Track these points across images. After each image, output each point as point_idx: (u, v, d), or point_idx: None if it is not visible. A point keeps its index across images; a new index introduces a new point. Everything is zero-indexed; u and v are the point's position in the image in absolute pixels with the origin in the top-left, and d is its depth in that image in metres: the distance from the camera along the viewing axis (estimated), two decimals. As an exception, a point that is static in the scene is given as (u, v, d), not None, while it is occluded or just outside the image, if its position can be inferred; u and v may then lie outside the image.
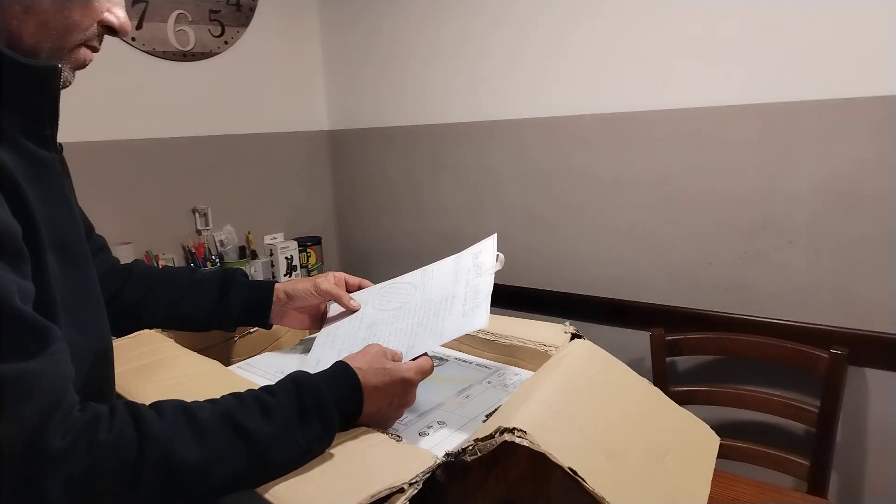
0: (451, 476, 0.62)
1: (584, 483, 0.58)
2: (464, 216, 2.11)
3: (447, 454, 0.61)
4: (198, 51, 2.05)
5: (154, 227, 1.97)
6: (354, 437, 0.65)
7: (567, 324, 0.94)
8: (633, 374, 0.80)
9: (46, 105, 0.62)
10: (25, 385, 0.49)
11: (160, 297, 0.91)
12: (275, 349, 1.05)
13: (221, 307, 0.92)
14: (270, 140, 2.29)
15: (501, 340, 0.95)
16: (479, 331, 0.96)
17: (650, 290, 1.73)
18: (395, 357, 0.74)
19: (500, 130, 1.96)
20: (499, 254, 0.86)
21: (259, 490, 0.57)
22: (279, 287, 0.95)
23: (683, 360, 1.68)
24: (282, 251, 2.18)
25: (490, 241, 0.91)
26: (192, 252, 2.00)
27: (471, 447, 0.60)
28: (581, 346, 0.81)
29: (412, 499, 0.57)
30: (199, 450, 0.54)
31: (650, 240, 1.70)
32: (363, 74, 2.32)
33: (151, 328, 0.91)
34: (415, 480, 0.59)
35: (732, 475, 1.09)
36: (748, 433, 1.54)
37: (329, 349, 0.89)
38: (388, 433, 0.67)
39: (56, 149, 0.65)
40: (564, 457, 0.58)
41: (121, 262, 0.96)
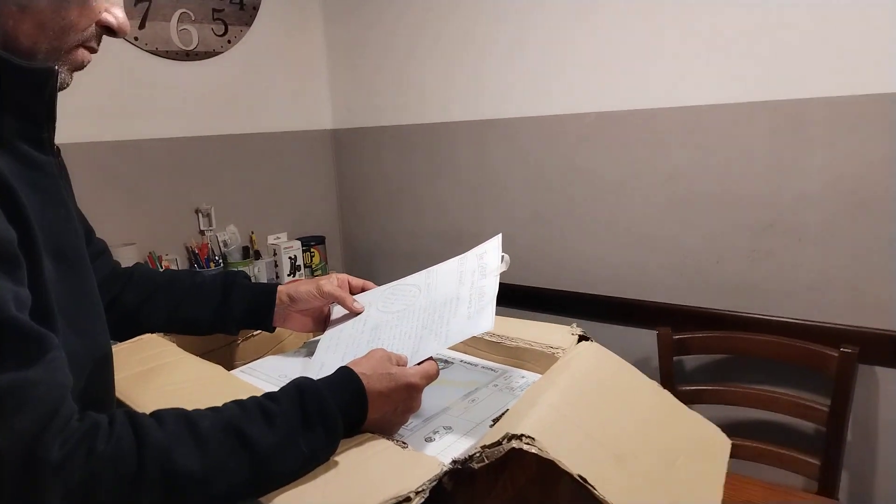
0: (458, 483, 0.61)
1: (594, 490, 0.56)
2: (468, 215, 2.09)
3: (454, 461, 0.60)
4: (201, 50, 2.04)
5: (157, 228, 1.96)
6: (359, 445, 0.64)
7: (574, 325, 0.93)
8: (642, 377, 0.79)
9: (43, 107, 0.61)
10: (22, 394, 0.48)
11: (161, 301, 0.90)
12: (278, 352, 1.04)
13: (223, 310, 0.91)
14: (274, 139, 2.28)
15: (507, 342, 0.94)
16: (485, 333, 0.95)
17: (657, 289, 1.71)
18: (400, 361, 0.73)
19: (504, 128, 1.94)
20: (504, 255, 0.85)
21: (262, 500, 0.56)
22: (281, 289, 0.94)
23: (691, 360, 1.66)
24: (285, 251, 2.17)
25: (495, 242, 0.90)
26: (196, 253, 1.99)
27: (478, 454, 0.59)
28: (589, 349, 0.80)
29: (419, 506, 0.56)
30: (201, 459, 0.53)
31: (657, 238, 1.69)
32: (367, 73, 2.30)
33: (153, 332, 0.90)
34: (421, 489, 0.57)
35: (743, 477, 1.08)
36: (757, 433, 1.52)
37: (333, 352, 0.88)
38: (394, 440, 0.66)
39: (53, 152, 0.64)
40: (573, 463, 0.57)
41: (122, 266, 0.95)
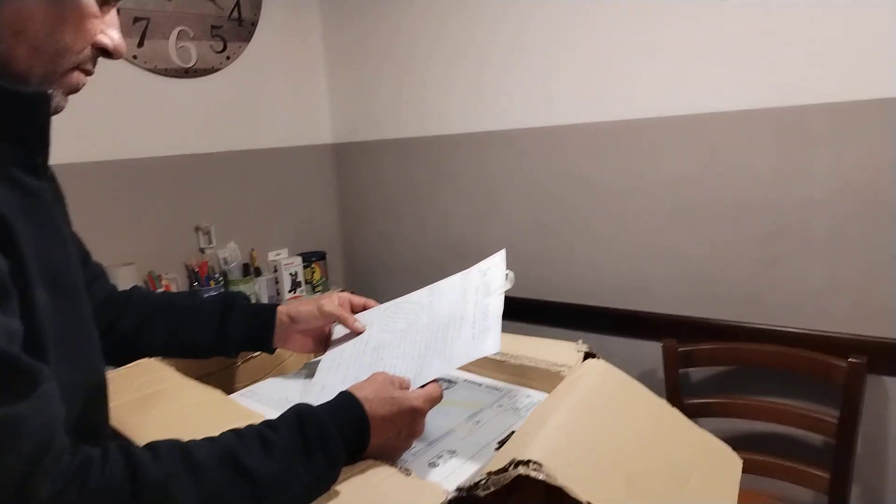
0: (464, 510, 0.59)
1: (604, 517, 0.55)
2: (470, 228, 2.08)
3: (459, 488, 0.58)
4: (200, 67, 2.04)
5: (156, 247, 1.94)
6: (362, 472, 0.63)
7: (580, 342, 0.91)
8: (651, 395, 0.77)
9: (37, 133, 0.59)
10: (12, 430, 0.47)
11: (160, 325, 0.89)
12: (278, 373, 1.03)
13: (223, 333, 0.89)
14: (274, 155, 2.27)
15: (511, 360, 0.92)
16: (489, 352, 0.93)
17: (661, 300, 1.69)
18: (403, 385, 0.71)
19: (505, 140, 1.93)
20: (509, 272, 0.83)
21: (262, 532, 0.55)
22: (282, 309, 0.93)
23: (697, 372, 1.64)
24: (286, 267, 2.16)
25: (499, 258, 0.88)
26: (196, 271, 1.97)
27: (483, 481, 0.57)
28: (595, 367, 0.78)
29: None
30: (198, 492, 0.52)
31: (660, 248, 1.67)
32: (367, 87, 2.30)
33: (151, 356, 0.89)
34: (426, 518, 0.56)
35: (752, 491, 1.05)
36: (765, 445, 1.50)
37: (334, 374, 0.86)
38: (397, 466, 0.64)
39: (47, 177, 0.63)
40: (582, 488, 0.55)
41: (120, 288, 0.93)
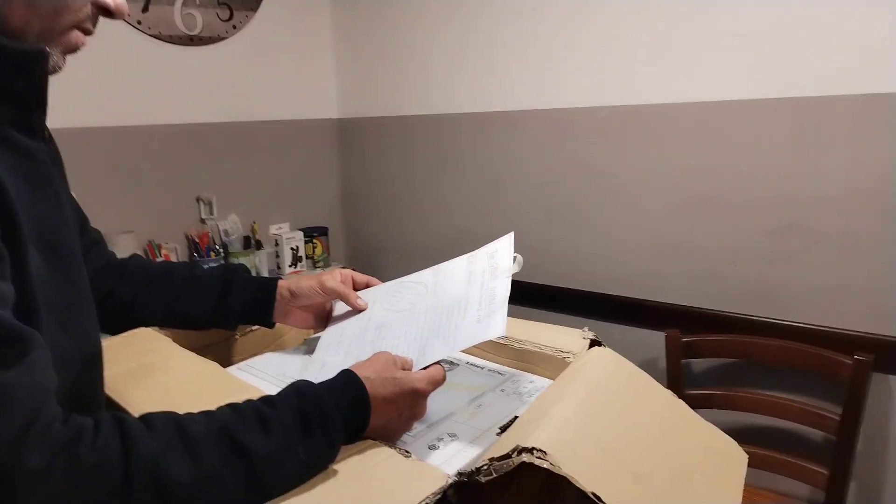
0: (463, 495, 0.58)
1: (608, 509, 0.53)
2: (476, 210, 2.06)
3: (460, 473, 0.57)
4: (205, 35, 2.00)
5: (157, 216, 1.93)
6: (360, 452, 0.61)
7: (585, 329, 0.89)
8: (658, 386, 0.75)
9: (33, 92, 0.57)
10: (1, 398, 0.45)
11: (158, 295, 0.87)
12: (277, 349, 1.01)
13: (222, 305, 0.87)
14: (278, 128, 2.24)
15: (516, 345, 0.90)
16: (494, 336, 0.91)
17: (667, 291, 1.68)
18: (405, 366, 0.70)
19: (512, 121, 1.90)
20: (516, 255, 0.81)
21: (257, 510, 0.53)
22: (282, 284, 0.91)
23: (699, 363, 1.63)
24: (287, 242, 2.14)
25: (506, 241, 0.86)
26: (196, 242, 1.96)
27: (485, 467, 0.56)
28: (602, 356, 0.76)
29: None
30: (193, 469, 0.50)
31: (669, 238, 1.65)
32: (374, 62, 2.26)
33: (148, 326, 0.87)
34: (425, 502, 0.54)
35: (753, 487, 1.04)
36: (764, 439, 1.49)
37: (335, 352, 0.84)
38: (397, 447, 0.62)
39: (45, 138, 0.61)
40: (587, 479, 0.54)
41: (119, 256, 0.91)
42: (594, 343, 0.87)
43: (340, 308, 0.94)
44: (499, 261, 0.82)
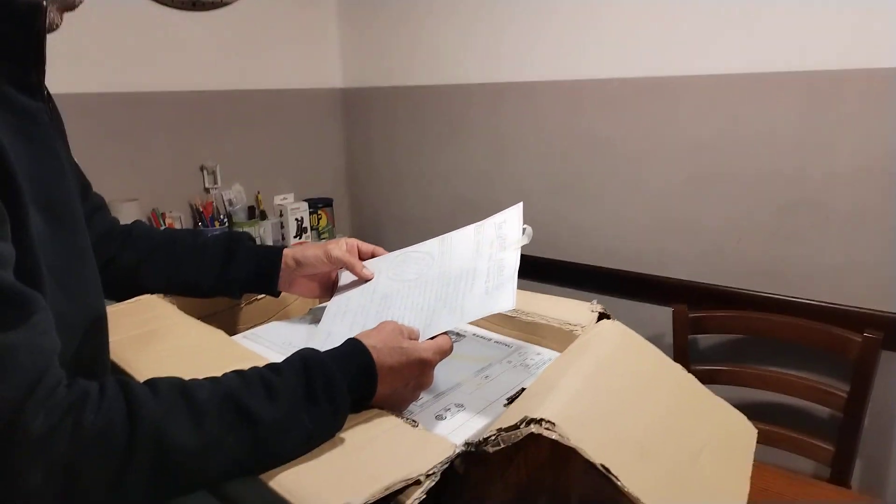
0: (470, 465, 0.57)
1: (617, 481, 0.52)
2: (482, 181, 2.03)
3: (467, 443, 0.56)
4: (208, 0, 1.97)
5: (161, 184, 1.91)
6: (367, 421, 0.60)
7: (594, 302, 0.88)
8: (668, 360, 0.74)
9: (30, 48, 0.55)
10: (3, 360, 0.44)
11: (162, 261, 0.86)
12: (282, 318, 1.00)
13: (227, 273, 0.87)
14: (282, 96, 2.21)
15: (523, 317, 0.89)
16: (502, 309, 0.90)
17: (674, 266, 1.66)
18: (412, 335, 0.69)
19: (522, 92, 1.87)
20: (526, 226, 0.80)
21: (263, 477, 0.53)
22: (288, 253, 0.90)
23: (706, 339, 1.62)
24: (292, 212, 2.12)
25: (515, 211, 0.85)
26: (200, 211, 1.94)
27: (493, 437, 0.55)
28: (611, 329, 0.75)
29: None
30: (197, 435, 0.49)
31: (677, 213, 1.63)
32: (381, 31, 2.22)
33: (152, 293, 0.86)
34: (432, 472, 0.54)
35: (760, 463, 1.04)
36: (771, 415, 1.49)
37: (340, 321, 0.84)
38: (403, 417, 0.62)
39: (44, 97, 0.59)
40: (596, 451, 0.53)
41: (121, 223, 0.90)
42: (602, 316, 0.86)
43: (346, 277, 0.93)
44: (507, 231, 0.81)
